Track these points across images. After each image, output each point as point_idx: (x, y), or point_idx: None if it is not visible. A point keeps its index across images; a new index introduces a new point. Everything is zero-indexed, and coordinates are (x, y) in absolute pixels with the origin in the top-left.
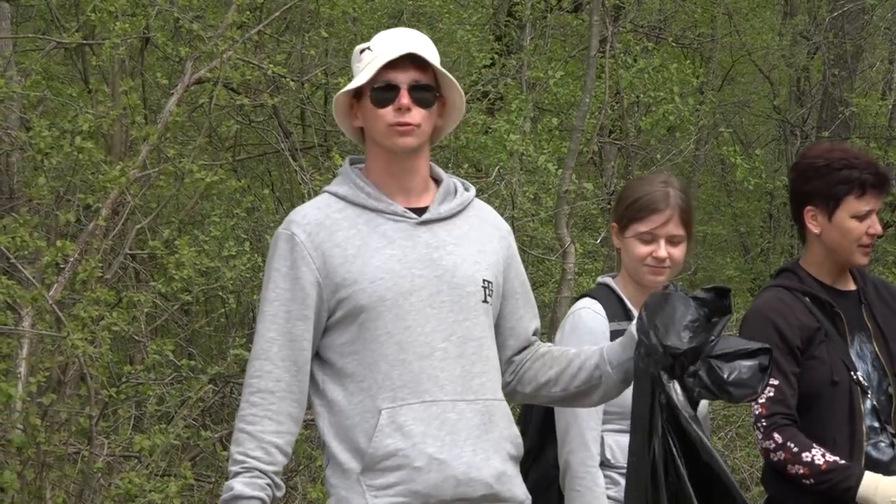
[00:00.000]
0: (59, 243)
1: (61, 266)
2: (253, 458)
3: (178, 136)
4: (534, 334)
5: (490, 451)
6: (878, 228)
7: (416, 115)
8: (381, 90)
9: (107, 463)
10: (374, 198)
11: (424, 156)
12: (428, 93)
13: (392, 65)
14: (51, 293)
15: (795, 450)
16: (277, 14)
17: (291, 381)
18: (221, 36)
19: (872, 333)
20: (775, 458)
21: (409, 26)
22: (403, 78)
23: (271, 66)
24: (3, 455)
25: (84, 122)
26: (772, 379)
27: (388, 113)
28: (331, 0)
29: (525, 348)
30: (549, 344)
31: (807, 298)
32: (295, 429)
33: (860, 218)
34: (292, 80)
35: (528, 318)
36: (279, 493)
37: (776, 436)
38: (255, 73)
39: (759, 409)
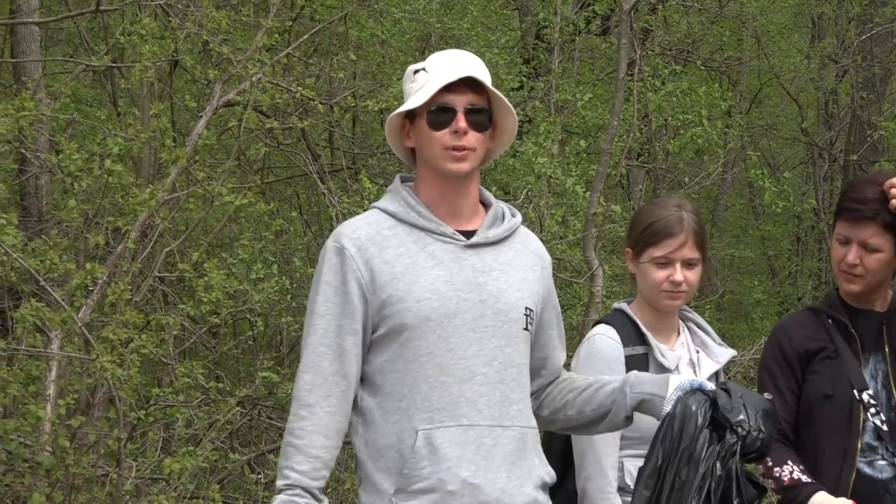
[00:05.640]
0: (88, 266)
1: (90, 288)
2: (299, 472)
3: (206, 159)
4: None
5: (524, 477)
6: (850, 258)
7: (472, 138)
8: (437, 112)
9: (135, 485)
10: (425, 217)
11: (475, 179)
12: (483, 116)
13: (449, 87)
14: (80, 315)
15: (770, 464)
16: (306, 37)
17: (341, 396)
18: (250, 59)
19: (888, 354)
20: (760, 472)
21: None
22: (460, 101)
23: (300, 89)
24: (32, 477)
25: (114, 145)
26: (767, 394)
27: (444, 135)
28: (359, 23)
29: (554, 380)
30: (572, 373)
31: (829, 320)
32: (340, 443)
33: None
34: (321, 103)
35: (560, 350)
36: None
37: None
38: (283, 96)
39: None
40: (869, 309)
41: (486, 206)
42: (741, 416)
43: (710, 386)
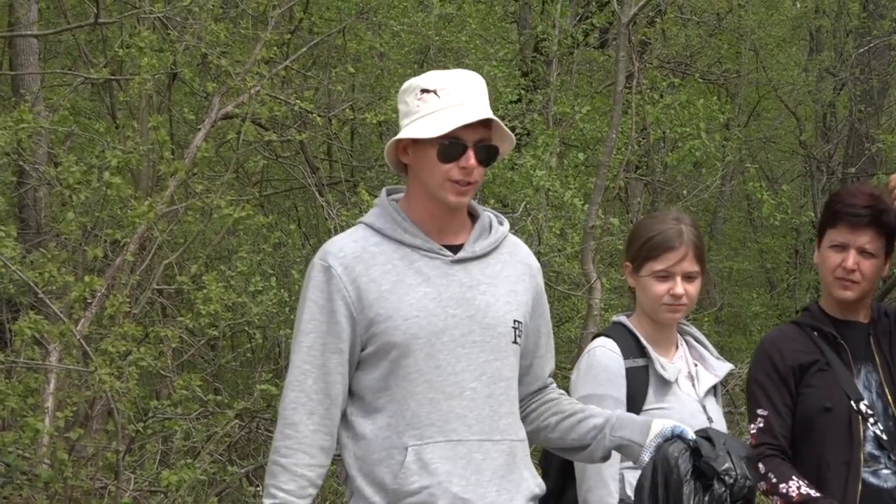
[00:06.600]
0: (86, 278)
1: (89, 301)
2: (285, 491)
3: (205, 172)
4: (549, 376)
5: (514, 491)
6: (848, 263)
7: (477, 173)
8: (449, 147)
9: (133, 498)
10: (411, 233)
11: None
12: (490, 150)
13: None
14: (78, 328)
15: (774, 480)
16: (304, 50)
17: (325, 414)
18: (249, 71)
19: (879, 363)
20: (760, 489)
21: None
22: (471, 137)
23: (298, 101)
24: (31, 490)
25: (112, 158)
26: (762, 410)
27: (451, 169)
28: (357, 36)
29: (540, 389)
30: (562, 391)
31: (815, 333)
32: (326, 461)
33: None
34: (319, 116)
35: (547, 359)
36: None
37: (760, 466)
38: (282, 109)
39: (750, 440)
40: (854, 320)
41: (473, 216)
42: (727, 465)
43: (691, 434)
